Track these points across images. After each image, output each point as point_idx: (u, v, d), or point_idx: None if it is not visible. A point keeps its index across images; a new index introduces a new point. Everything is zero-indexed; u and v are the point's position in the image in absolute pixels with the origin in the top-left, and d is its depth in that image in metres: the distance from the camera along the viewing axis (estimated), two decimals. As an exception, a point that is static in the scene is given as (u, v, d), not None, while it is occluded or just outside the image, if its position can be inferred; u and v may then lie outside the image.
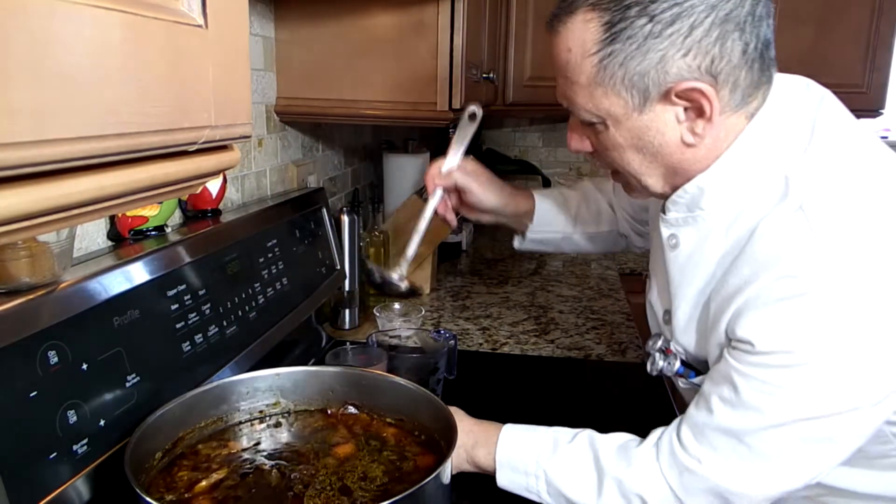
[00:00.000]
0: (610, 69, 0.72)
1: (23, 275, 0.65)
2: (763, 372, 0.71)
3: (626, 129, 0.77)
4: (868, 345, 0.68)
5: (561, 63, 0.77)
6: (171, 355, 0.83)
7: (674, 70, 0.70)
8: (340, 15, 1.37)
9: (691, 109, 0.73)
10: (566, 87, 0.78)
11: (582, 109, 0.78)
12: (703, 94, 0.71)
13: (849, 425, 0.71)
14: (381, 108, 1.40)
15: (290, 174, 1.49)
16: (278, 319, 1.11)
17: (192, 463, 0.78)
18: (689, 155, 0.76)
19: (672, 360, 0.87)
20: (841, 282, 0.67)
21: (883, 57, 2.26)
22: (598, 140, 0.82)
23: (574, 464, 0.83)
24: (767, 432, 0.72)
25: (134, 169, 0.36)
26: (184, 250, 0.89)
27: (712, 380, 0.77)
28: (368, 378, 0.89)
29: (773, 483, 0.74)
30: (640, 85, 0.72)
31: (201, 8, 0.40)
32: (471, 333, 1.51)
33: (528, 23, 2.22)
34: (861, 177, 0.72)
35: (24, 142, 0.28)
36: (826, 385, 0.69)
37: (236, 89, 0.44)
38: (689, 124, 0.74)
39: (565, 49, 0.76)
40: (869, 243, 0.68)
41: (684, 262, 0.83)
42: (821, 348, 0.68)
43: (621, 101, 0.74)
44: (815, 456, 0.73)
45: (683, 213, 0.82)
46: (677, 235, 0.84)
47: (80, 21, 0.30)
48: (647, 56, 0.70)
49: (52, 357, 0.65)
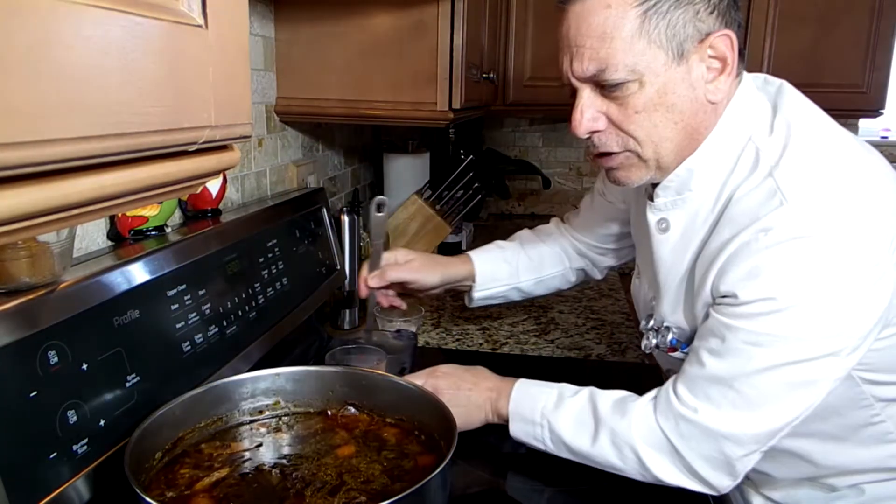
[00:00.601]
0: (654, 20, 0.76)
1: (23, 275, 0.65)
2: (748, 322, 0.76)
3: (662, 83, 0.78)
4: (843, 287, 0.74)
5: (597, 22, 0.77)
6: (171, 355, 0.83)
7: (707, 23, 0.78)
8: (340, 15, 1.37)
9: (714, 68, 0.80)
10: (601, 46, 0.78)
11: (620, 66, 0.78)
12: (731, 42, 0.79)
13: (827, 369, 0.76)
14: (381, 108, 1.40)
15: (290, 174, 1.49)
16: (278, 319, 1.11)
17: (193, 461, 0.78)
18: (707, 117, 0.82)
19: (665, 333, 0.91)
20: (812, 231, 0.73)
21: (883, 57, 2.26)
22: (621, 108, 0.81)
23: (574, 414, 0.88)
24: (754, 377, 0.76)
25: (134, 169, 0.36)
26: (184, 250, 0.89)
27: (701, 336, 0.82)
28: (368, 378, 0.90)
29: (760, 425, 0.78)
30: (681, 35, 0.77)
31: (201, 8, 0.40)
32: (471, 333, 1.51)
33: (528, 23, 2.22)
34: (821, 145, 0.80)
35: (24, 142, 0.28)
36: (808, 329, 0.75)
37: (236, 89, 0.44)
38: (713, 84, 0.81)
39: (603, 6, 0.77)
40: (833, 198, 0.75)
41: (676, 242, 0.89)
42: (802, 292, 0.74)
43: (661, 53, 0.77)
44: (797, 399, 0.78)
45: (672, 196, 0.87)
46: (667, 219, 0.89)
47: (80, 21, 0.30)
48: (686, 8, 0.77)
49: (52, 357, 0.65)
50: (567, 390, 0.92)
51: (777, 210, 0.75)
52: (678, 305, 0.90)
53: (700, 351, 0.81)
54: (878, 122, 2.59)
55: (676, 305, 0.90)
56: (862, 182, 0.78)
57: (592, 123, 0.83)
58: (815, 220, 0.74)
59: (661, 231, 0.90)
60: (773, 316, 0.74)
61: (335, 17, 1.37)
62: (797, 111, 0.83)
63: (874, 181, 0.79)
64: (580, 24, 0.79)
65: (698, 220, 0.85)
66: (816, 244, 0.73)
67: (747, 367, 0.76)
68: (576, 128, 0.84)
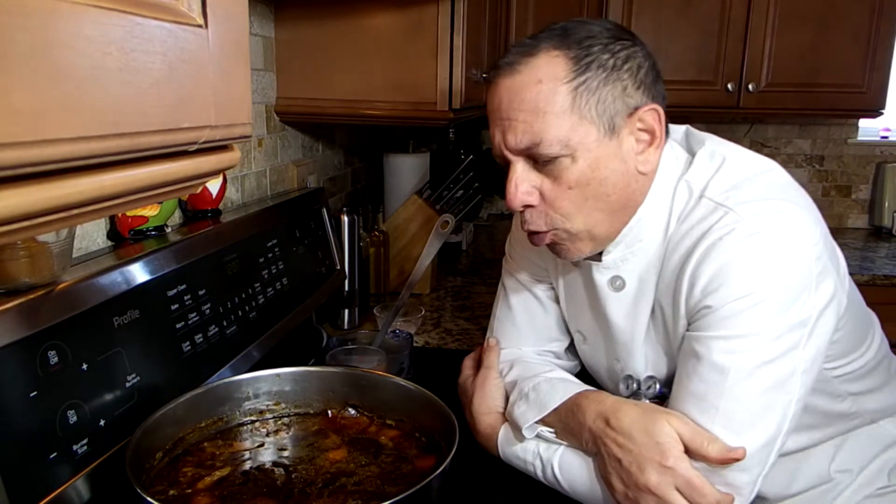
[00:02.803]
0: (585, 96, 0.77)
1: (22, 275, 0.65)
2: (724, 329, 0.76)
3: (594, 158, 0.79)
4: (802, 276, 0.75)
5: (529, 97, 0.78)
6: (171, 355, 0.83)
7: (635, 98, 0.80)
8: (340, 15, 1.37)
9: (643, 140, 0.82)
10: (534, 120, 0.78)
11: (554, 141, 0.78)
12: (658, 116, 0.81)
13: (793, 363, 0.76)
14: (381, 108, 1.40)
15: (290, 174, 1.49)
16: (278, 319, 1.11)
17: (196, 459, 0.78)
18: (639, 186, 0.83)
19: (651, 385, 0.89)
20: (763, 226, 0.76)
21: (883, 57, 2.25)
22: (555, 184, 0.80)
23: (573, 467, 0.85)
24: (735, 390, 0.75)
25: (134, 169, 0.36)
26: (184, 250, 0.89)
27: (680, 362, 0.82)
28: (368, 378, 0.89)
29: (755, 441, 0.76)
30: (611, 110, 0.79)
31: (201, 8, 0.40)
32: (471, 333, 1.51)
33: (528, 23, 2.22)
34: (740, 164, 0.83)
35: (24, 142, 0.28)
36: (778, 321, 0.75)
37: (236, 89, 0.44)
38: (643, 155, 0.82)
39: (534, 81, 0.78)
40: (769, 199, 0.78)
41: (634, 296, 0.87)
42: (773, 282, 0.74)
43: (593, 128, 0.78)
44: (777, 402, 0.76)
45: (622, 251, 0.86)
46: (621, 276, 0.88)
47: (80, 21, 0.30)
48: (614, 84, 0.78)
49: (52, 357, 0.65)
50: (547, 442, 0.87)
51: (725, 217, 0.77)
52: (651, 355, 0.89)
53: (680, 378, 0.80)
54: (879, 122, 2.59)
55: (649, 356, 0.89)
56: (785, 186, 0.82)
57: (527, 197, 0.82)
58: (762, 218, 0.76)
59: (616, 290, 0.88)
60: (750, 312, 0.75)
61: (335, 17, 1.37)
62: (709, 144, 0.86)
63: (791, 184, 0.84)
64: (512, 98, 0.79)
65: (651, 264, 0.85)
66: (772, 237, 0.75)
67: (726, 382, 0.75)
68: (510, 201, 0.83)
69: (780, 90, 2.26)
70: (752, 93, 2.25)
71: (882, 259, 2.29)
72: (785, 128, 2.69)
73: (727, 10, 2.22)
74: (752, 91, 2.24)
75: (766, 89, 2.26)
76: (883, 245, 2.50)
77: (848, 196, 2.72)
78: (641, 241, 0.85)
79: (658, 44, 2.17)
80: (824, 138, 2.68)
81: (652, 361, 0.89)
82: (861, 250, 2.40)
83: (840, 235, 2.51)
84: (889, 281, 2.09)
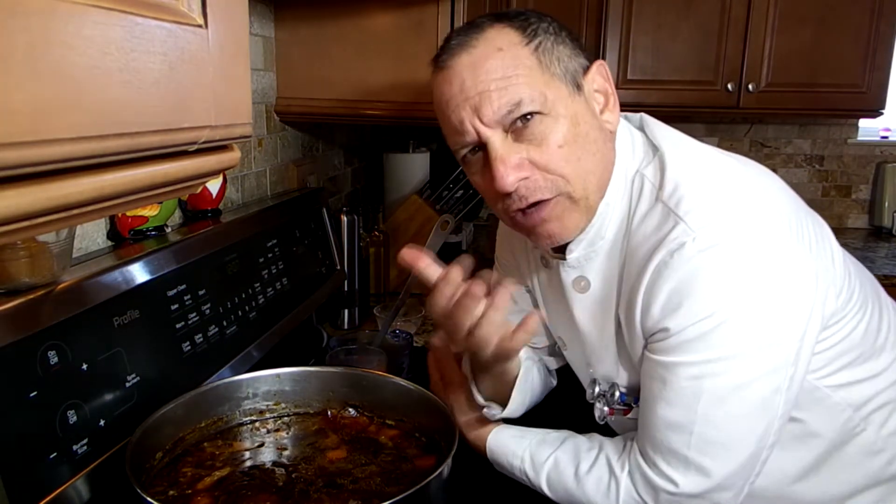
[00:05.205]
0: (546, 55, 0.77)
1: (22, 275, 0.65)
2: (686, 354, 0.72)
3: (572, 114, 0.76)
4: (768, 288, 0.71)
5: (494, 66, 0.74)
6: (171, 355, 0.83)
7: (581, 59, 0.80)
8: (340, 15, 1.37)
9: (600, 101, 0.81)
10: (507, 84, 0.74)
11: (534, 97, 0.74)
12: (606, 72, 0.81)
13: (775, 382, 0.72)
14: (381, 108, 1.40)
15: (289, 174, 1.48)
16: (278, 319, 1.11)
17: (196, 459, 0.78)
18: (610, 148, 0.81)
19: (612, 391, 0.86)
20: (717, 239, 0.71)
21: (883, 57, 2.25)
22: (542, 148, 0.75)
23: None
24: (710, 414, 0.72)
25: (134, 169, 0.36)
26: (184, 250, 0.89)
27: (643, 384, 0.78)
28: (368, 378, 0.89)
29: (733, 461, 0.74)
30: (571, 69, 0.78)
31: (201, 8, 0.40)
32: (471, 333, 1.51)
33: (528, 23, 2.22)
34: (695, 161, 0.79)
35: (24, 142, 0.28)
36: (747, 342, 0.71)
37: (236, 89, 0.44)
38: (605, 114, 0.81)
39: (495, 49, 0.75)
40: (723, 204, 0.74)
41: (599, 299, 0.83)
42: (733, 301, 0.70)
43: (563, 85, 0.77)
44: (758, 423, 0.73)
45: (585, 249, 0.82)
46: (586, 276, 0.84)
47: (80, 21, 0.30)
48: (563, 45, 0.78)
49: (52, 357, 0.65)
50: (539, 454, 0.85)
51: (675, 229, 0.72)
52: (618, 361, 0.84)
53: (648, 401, 0.77)
54: (879, 122, 2.59)
55: (617, 362, 0.85)
56: (745, 184, 0.77)
57: (519, 170, 0.75)
58: (716, 228, 0.71)
59: (581, 290, 0.85)
60: (712, 336, 0.71)
61: (335, 17, 1.37)
62: (663, 136, 0.82)
63: (755, 182, 0.78)
64: (477, 72, 0.75)
65: (613, 267, 0.81)
66: (727, 250, 0.71)
67: (698, 407, 0.72)
68: (502, 179, 0.75)
69: (780, 90, 2.26)
70: (752, 93, 2.25)
71: (882, 259, 2.29)
72: (785, 128, 2.69)
73: (727, 11, 2.21)
74: (752, 91, 2.24)
75: (766, 89, 2.26)
76: (883, 245, 2.50)
77: (848, 196, 2.72)
78: (603, 239, 0.81)
79: (658, 44, 2.17)
80: (824, 138, 2.68)
81: (626, 367, 0.85)
82: (861, 250, 2.40)
83: (840, 235, 2.50)
84: (889, 281, 2.09)
